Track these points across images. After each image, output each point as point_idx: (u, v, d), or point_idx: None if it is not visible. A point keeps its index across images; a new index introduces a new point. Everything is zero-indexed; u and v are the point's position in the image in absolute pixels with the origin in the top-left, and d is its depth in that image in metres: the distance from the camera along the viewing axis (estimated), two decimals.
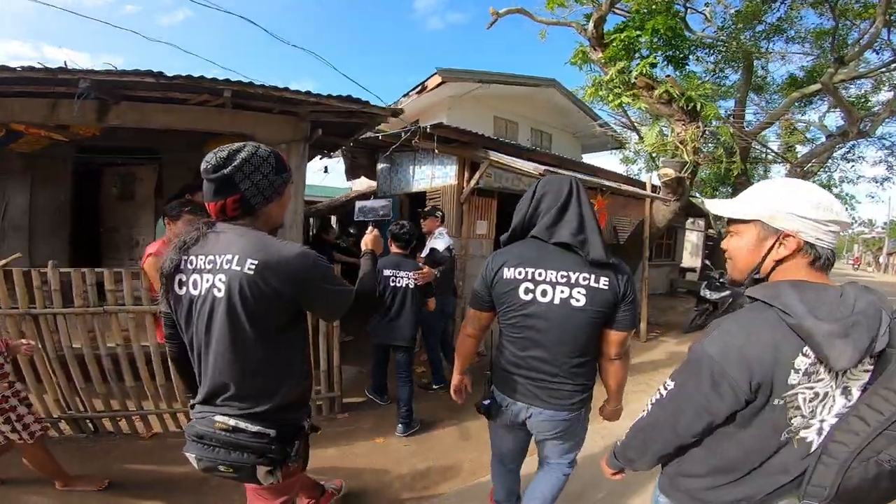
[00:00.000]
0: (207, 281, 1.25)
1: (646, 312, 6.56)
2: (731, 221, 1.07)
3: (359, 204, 2.24)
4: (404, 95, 7.99)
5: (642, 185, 6.99)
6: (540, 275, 1.49)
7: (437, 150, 4.76)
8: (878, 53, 8.50)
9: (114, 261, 5.15)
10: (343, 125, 4.60)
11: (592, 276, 1.47)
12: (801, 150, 11.77)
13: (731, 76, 10.43)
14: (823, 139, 9.82)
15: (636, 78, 5.29)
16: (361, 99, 3.75)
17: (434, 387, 4.07)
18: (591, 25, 5.57)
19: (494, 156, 4.75)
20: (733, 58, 9.31)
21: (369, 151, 6.52)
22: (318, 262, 1.33)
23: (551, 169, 4.82)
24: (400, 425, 3.22)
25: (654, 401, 1.08)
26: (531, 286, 1.50)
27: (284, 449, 1.32)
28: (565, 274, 1.47)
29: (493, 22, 6.69)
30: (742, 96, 9.52)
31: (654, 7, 5.19)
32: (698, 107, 5.07)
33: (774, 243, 0.98)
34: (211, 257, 1.26)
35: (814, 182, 3.21)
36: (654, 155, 8.67)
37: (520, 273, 1.51)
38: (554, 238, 1.51)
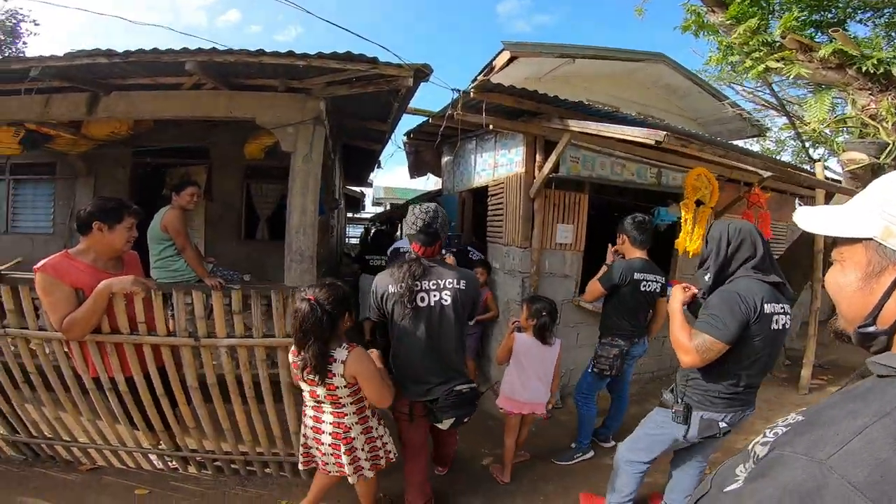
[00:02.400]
0: (434, 297, 2.04)
1: (811, 352, 4.47)
2: (836, 242, 0.68)
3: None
4: (472, 81, 6.69)
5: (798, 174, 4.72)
6: (781, 308, 1.83)
7: (490, 126, 3.53)
8: None
9: None
10: (369, 103, 3.67)
11: (789, 306, 1.89)
12: None
13: None
14: None
15: (782, 36, 3.59)
16: (367, 55, 2.75)
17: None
18: None
19: (577, 125, 3.29)
20: None
21: (434, 144, 5.52)
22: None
23: (676, 135, 3.20)
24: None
25: None
26: (777, 317, 1.82)
27: None
28: (783, 306, 1.84)
29: None
30: None
31: None
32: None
33: None
34: (434, 281, 2.05)
35: None
36: (807, 142, 6.16)
37: (773, 308, 1.80)
38: (769, 279, 1.83)
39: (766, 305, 1.77)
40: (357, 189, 11.51)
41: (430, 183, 9.49)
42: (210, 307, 2.32)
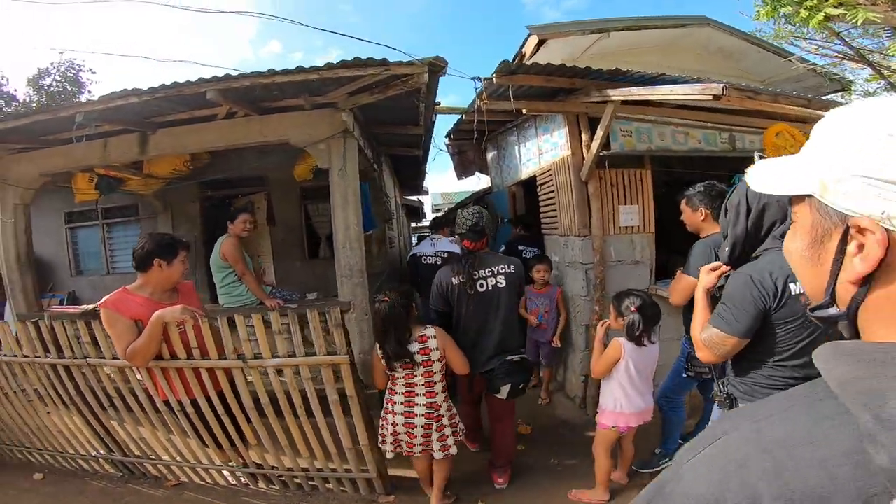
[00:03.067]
0: (491, 282, 2.46)
1: None
2: (791, 201, 0.54)
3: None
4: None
5: None
6: None
7: (523, 111, 3.30)
8: None
9: None
10: (397, 109, 3.63)
11: None
12: None
13: None
14: None
15: None
16: (375, 59, 2.68)
17: None
18: None
19: (617, 93, 2.94)
20: None
21: (474, 141, 5.35)
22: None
23: (739, 88, 2.73)
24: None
25: None
26: None
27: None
28: None
29: None
30: None
31: None
32: None
33: (842, 243, 0.44)
34: (488, 269, 2.48)
35: None
36: None
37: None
38: None
39: (791, 285, 1.46)
40: (415, 198, 11.65)
41: (483, 182, 9.34)
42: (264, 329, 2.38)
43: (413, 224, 13.56)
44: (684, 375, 2.58)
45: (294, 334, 2.21)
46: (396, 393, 2.28)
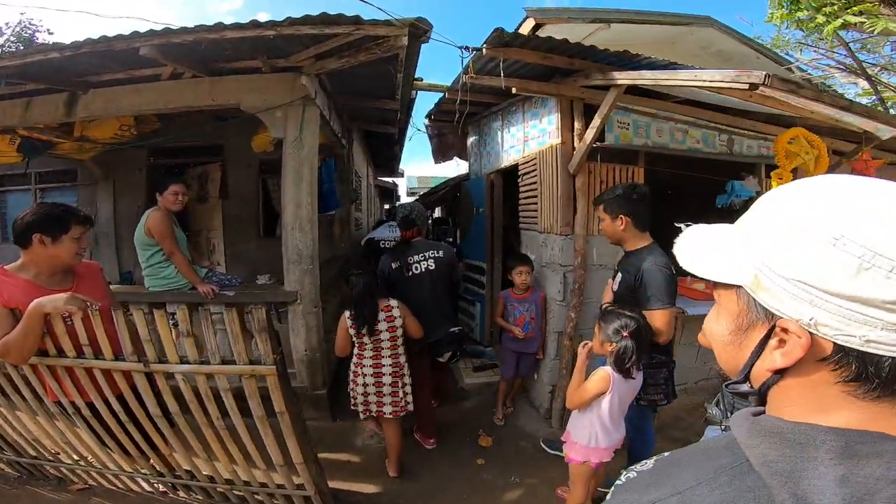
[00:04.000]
0: (423, 265, 2.88)
1: None
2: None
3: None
4: None
5: None
6: None
7: (513, 90, 2.92)
8: None
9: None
10: (373, 78, 3.21)
11: None
12: None
13: None
14: None
15: None
16: (347, 15, 2.25)
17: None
18: None
19: (625, 76, 2.58)
20: None
21: (454, 122, 4.97)
22: (455, 253, 3.18)
23: (782, 79, 2.39)
24: None
25: None
26: None
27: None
28: None
29: None
30: None
31: None
32: None
33: (765, 337, 0.44)
34: (421, 254, 2.91)
35: None
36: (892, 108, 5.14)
37: None
38: None
39: None
40: (389, 180, 11.16)
41: (461, 168, 8.98)
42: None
43: (386, 206, 13.03)
44: (635, 402, 2.26)
45: (207, 336, 1.82)
46: (365, 357, 2.54)
